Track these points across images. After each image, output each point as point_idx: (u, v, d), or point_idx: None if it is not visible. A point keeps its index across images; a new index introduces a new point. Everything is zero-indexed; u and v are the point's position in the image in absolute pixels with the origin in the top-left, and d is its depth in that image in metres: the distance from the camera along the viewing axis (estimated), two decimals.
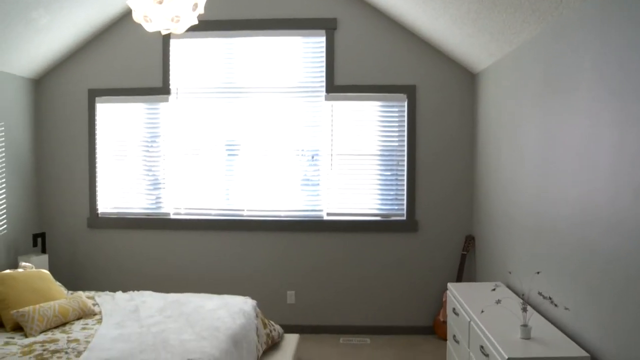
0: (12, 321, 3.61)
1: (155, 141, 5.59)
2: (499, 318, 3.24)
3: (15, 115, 5.26)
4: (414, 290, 5.44)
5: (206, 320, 3.75)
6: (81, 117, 5.61)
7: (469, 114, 5.32)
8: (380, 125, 5.41)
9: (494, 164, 4.62)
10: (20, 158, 5.37)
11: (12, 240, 5.23)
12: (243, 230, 5.51)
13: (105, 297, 4.38)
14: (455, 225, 5.39)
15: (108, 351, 3.15)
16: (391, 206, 5.44)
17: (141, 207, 5.64)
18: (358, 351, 4.98)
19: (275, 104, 5.46)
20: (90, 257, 5.67)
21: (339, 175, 5.45)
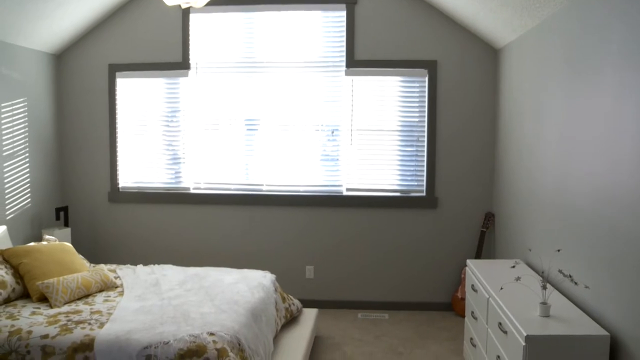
0: (38, 292, 3.69)
1: (175, 116, 5.61)
2: (518, 295, 3.23)
3: (37, 91, 5.31)
4: (433, 267, 5.44)
5: (226, 293, 3.79)
6: (102, 92, 5.64)
7: (491, 90, 5.25)
8: (400, 101, 5.37)
9: (515, 141, 4.57)
10: (43, 133, 5.42)
11: (36, 213, 5.31)
12: (262, 205, 5.53)
13: (127, 270, 4.45)
14: (475, 202, 5.36)
15: (130, 323, 3.21)
16: (411, 182, 5.42)
17: (161, 181, 5.68)
18: (376, 326, 5.02)
19: (295, 78, 5.44)
20: (111, 231, 5.74)
21: (359, 150, 5.43)
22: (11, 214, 4.94)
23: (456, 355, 4.35)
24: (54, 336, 3.05)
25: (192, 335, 3.01)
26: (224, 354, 2.89)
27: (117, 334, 3.04)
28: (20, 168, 5.06)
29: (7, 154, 4.88)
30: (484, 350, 3.53)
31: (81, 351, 2.97)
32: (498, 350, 3.16)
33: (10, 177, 4.91)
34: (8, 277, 3.70)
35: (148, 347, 2.94)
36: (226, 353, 2.90)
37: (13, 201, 4.96)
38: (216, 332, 3.07)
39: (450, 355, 4.37)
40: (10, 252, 3.90)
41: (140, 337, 3.00)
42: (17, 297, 3.73)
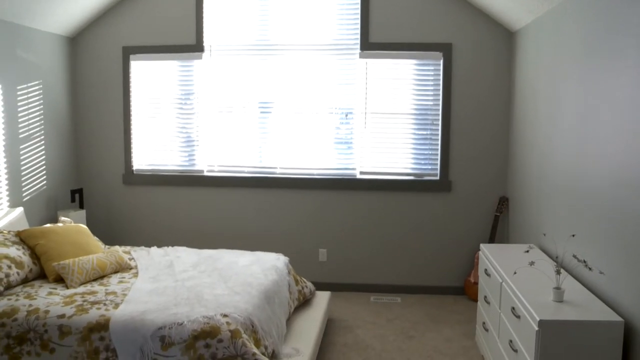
0: (54, 273, 3.73)
1: (189, 99, 5.61)
2: (531, 280, 3.22)
3: (52, 74, 5.33)
4: (446, 251, 5.44)
5: (239, 275, 3.82)
6: (116, 74, 5.66)
7: (506, 73, 5.19)
8: (415, 84, 5.33)
9: (530, 125, 4.53)
10: (58, 116, 5.46)
11: (52, 195, 5.36)
12: (276, 187, 5.54)
13: (141, 252, 4.49)
14: (489, 186, 5.33)
15: (144, 304, 3.24)
16: (424, 166, 5.40)
17: (175, 164, 5.71)
18: (388, 310, 5.03)
19: (309, 61, 5.41)
20: (125, 213, 5.79)
21: (373, 133, 5.41)
22: (27, 196, 4.99)
23: (468, 339, 4.36)
24: (70, 316, 3.09)
25: (206, 316, 3.03)
26: (237, 335, 2.91)
27: (132, 315, 3.07)
28: (36, 150, 5.10)
29: (23, 136, 4.92)
30: (497, 335, 3.53)
31: (97, 331, 3.01)
32: (511, 335, 3.16)
33: (26, 160, 4.96)
34: (25, 257, 3.75)
35: (162, 327, 2.97)
36: (239, 334, 2.92)
37: (29, 183, 5.01)
38: (229, 313, 3.10)
39: (462, 339, 4.38)
40: (27, 233, 3.95)
41: (155, 318, 3.03)
42: (34, 277, 3.78)
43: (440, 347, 4.22)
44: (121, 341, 2.97)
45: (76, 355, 3.00)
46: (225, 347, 2.87)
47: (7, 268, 3.53)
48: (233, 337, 2.90)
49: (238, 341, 2.89)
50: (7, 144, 4.71)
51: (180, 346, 2.91)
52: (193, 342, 2.91)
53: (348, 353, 4.08)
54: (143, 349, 2.94)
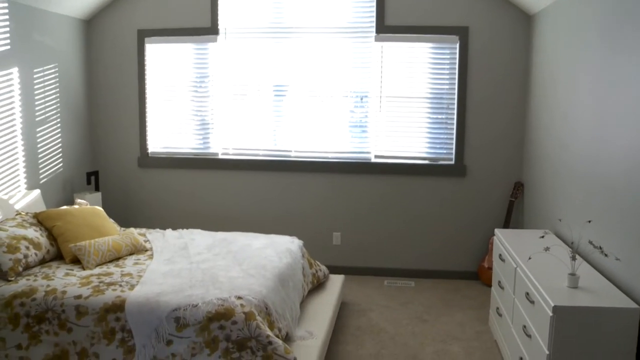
0: (71, 254, 3.78)
1: (204, 81, 5.61)
2: (546, 266, 3.21)
3: (67, 57, 5.35)
4: (460, 236, 5.42)
5: (253, 258, 3.83)
6: (131, 57, 5.66)
7: (523, 57, 5.13)
8: (430, 68, 5.29)
9: (547, 109, 4.48)
10: (74, 99, 5.48)
11: (68, 178, 5.41)
12: (290, 171, 5.54)
13: (156, 234, 4.52)
14: (504, 171, 5.29)
15: (159, 285, 3.27)
16: (440, 150, 5.37)
17: (190, 147, 5.72)
18: (402, 294, 5.04)
19: (324, 44, 5.38)
20: (140, 195, 5.83)
21: (388, 117, 5.39)
22: (44, 178, 5.04)
23: (481, 324, 4.36)
24: (86, 297, 3.13)
25: (220, 298, 3.05)
26: (252, 317, 2.94)
27: (147, 296, 3.10)
28: (52, 133, 5.14)
29: (40, 119, 4.95)
30: (510, 320, 3.53)
31: (112, 312, 3.04)
32: (524, 320, 3.16)
33: (42, 142, 5.00)
34: (43, 239, 3.79)
35: (177, 309, 3.00)
36: (253, 317, 2.95)
37: (46, 166, 5.06)
38: (244, 296, 3.12)
39: (475, 323, 4.38)
40: (44, 215, 3.99)
41: (170, 300, 3.06)
42: (51, 258, 3.82)
43: (453, 331, 4.23)
44: (136, 322, 3.00)
45: (93, 335, 3.04)
46: (240, 329, 2.90)
47: (26, 249, 3.58)
48: (247, 319, 2.92)
49: (252, 323, 2.91)
50: (24, 127, 4.75)
51: (195, 327, 2.94)
52: (207, 323, 2.93)
53: (361, 336, 4.10)
54: (158, 330, 2.97)
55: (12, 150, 4.61)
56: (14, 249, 3.49)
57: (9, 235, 3.57)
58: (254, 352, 2.86)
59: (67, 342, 3.07)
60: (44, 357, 3.06)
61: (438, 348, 3.93)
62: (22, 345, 3.10)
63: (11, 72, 4.56)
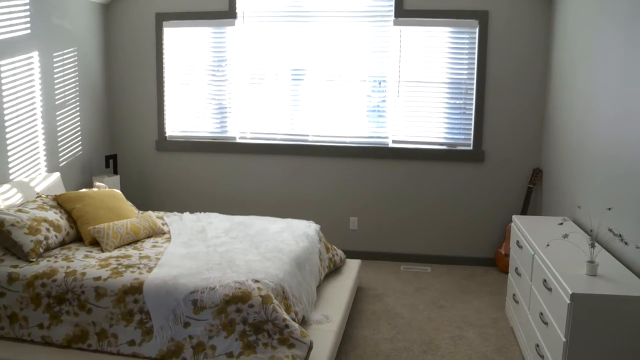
0: (90, 236, 3.82)
1: (222, 65, 5.61)
2: (564, 253, 3.18)
3: (86, 40, 5.37)
4: (477, 222, 5.40)
5: (270, 242, 3.85)
6: (149, 41, 5.68)
7: (543, 41, 5.05)
8: (449, 52, 5.23)
9: (567, 95, 4.42)
10: (93, 82, 5.52)
11: (87, 161, 5.46)
12: (308, 155, 5.54)
13: (174, 217, 4.55)
14: (523, 157, 5.25)
15: (177, 268, 3.30)
16: (458, 135, 5.34)
17: (207, 130, 5.74)
18: (418, 279, 5.04)
19: (342, 28, 5.35)
20: (158, 179, 5.87)
21: (406, 102, 5.36)
22: (64, 161, 5.09)
23: (498, 311, 4.35)
24: (105, 278, 3.17)
25: (238, 281, 3.07)
26: (268, 300, 2.95)
27: (165, 279, 3.13)
28: (72, 117, 5.18)
29: (59, 102, 4.99)
30: (527, 307, 3.51)
31: (131, 294, 3.08)
32: (541, 307, 3.14)
33: (62, 126, 5.04)
34: (63, 221, 3.84)
35: (195, 291, 3.02)
36: (270, 300, 2.96)
37: (65, 149, 5.10)
38: (261, 279, 3.13)
39: (491, 310, 4.37)
40: (64, 197, 4.03)
41: (187, 282, 3.09)
42: (71, 240, 3.87)
43: (469, 317, 4.22)
44: (154, 304, 3.03)
45: (111, 316, 3.08)
46: (256, 312, 2.92)
47: (46, 231, 3.62)
48: (264, 303, 2.94)
49: (269, 307, 2.93)
50: (44, 110, 4.79)
51: (212, 310, 2.97)
52: (224, 306, 2.96)
53: (377, 321, 4.12)
54: (175, 312, 3.00)
55: (33, 133, 4.66)
56: (35, 231, 3.54)
57: (30, 217, 3.62)
58: (271, 335, 2.89)
59: (87, 322, 3.11)
60: (64, 337, 3.11)
61: (454, 334, 3.94)
62: (44, 324, 3.15)
63: (31, 56, 4.60)
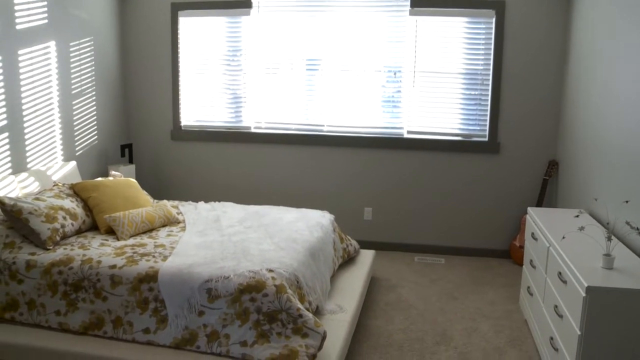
0: (106, 225, 3.85)
1: (237, 55, 5.61)
2: (580, 246, 3.16)
3: (102, 30, 5.39)
4: (492, 213, 5.37)
5: (284, 231, 3.86)
6: (165, 31, 5.69)
7: (561, 31, 5.00)
8: (465, 43, 5.19)
9: (585, 86, 4.37)
10: (108, 72, 5.54)
11: (103, 150, 5.50)
12: (322, 145, 5.54)
13: (188, 206, 4.57)
14: (539, 149, 5.20)
15: (192, 257, 3.32)
16: (473, 127, 5.30)
17: (222, 120, 5.75)
18: (432, 270, 5.03)
19: (358, 18, 5.32)
20: (173, 168, 5.89)
21: (421, 93, 5.33)
22: (80, 150, 5.13)
23: (512, 303, 4.34)
24: (121, 266, 3.19)
25: (252, 271, 3.08)
26: (282, 290, 2.96)
27: (180, 267, 3.15)
28: (88, 106, 5.22)
29: (76, 92, 5.02)
30: (541, 300, 3.49)
31: (146, 282, 3.10)
32: (556, 300, 3.13)
33: (78, 115, 5.08)
34: (79, 209, 3.87)
35: (209, 280, 3.04)
36: (284, 289, 2.97)
37: (81, 138, 5.14)
38: (275, 268, 3.14)
39: (505, 302, 4.35)
40: (80, 186, 4.07)
41: (202, 271, 3.10)
42: (87, 228, 3.90)
43: (483, 309, 4.21)
44: (169, 292, 3.05)
45: (127, 304, 3.11)
46: (270, 302, 2.93)
47: (63, 219, 3.66)
48: (278, 292, 2.95)
49: (283, 296, 2.93)
50: (61, 100, 4.83)
51: (226, 299, 2.98)
52: (239, 295, 2.97)
53: (390, 312, 4.12)
54: (190, 301, 3.02)
55: (50, 122, 4.70)
56: (52, 219, 3.57)
57: (47, 205, 3.65)
58: (284, 325, 2.90)
59: (103, 310, 3.14)
60: (81, 324, 3.15)
61: (467, 325, 3.93)
62: (61, 311, 3.19)
63: (48, 45, 4.63)
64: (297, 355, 2.77)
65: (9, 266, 3.29)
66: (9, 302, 3.27)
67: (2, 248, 3.40)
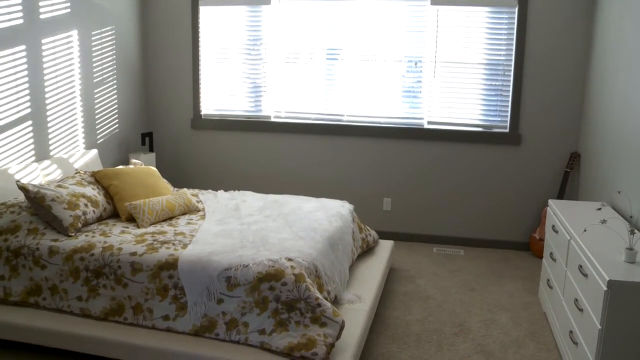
0: (126, 212, 3.89)
1: (257, 44, 5.61)
2: (602, 239, 3.12)
3: (124, 19, 5.42)
4: (512, 205, 5.33)
5: (304, 221, 3.87)
6: (185, 20, 5.70)
7: (586, 21, 4.91)
8: (487, 33, 5.14)
9: (610, 77, 4.30)
10: (129, 61, 5.58)
11: (124, 138, 5.54)
12: (342, 135, 5.53)
13: (208, 195, 4.60)
14: (561, 141, 5.14)
15: (211, 245, 3.34)
16: (494, 118, 5.26)
17: (242, 109, 5.77)
18: (451, 261, 5.01)
19: (378, 7, 5.29)
20: (193, 157, 5.93)
21: (442, 83, 5.29)
22: (101, 138, 5.18)
23: (531, 296, 4.31)
24: (141, 254, 3.23)
25: (271, 259, 3.10)
26: (301, 279, 2.97)
27: (199, 255, 3.17)
28: (109, 94, 5.26)
29: (97, 80, 5.06)
30: (561, 293, 3.47)
31: (166, 269, 3.13)
32: (576, 294, 3.10)
33: (100, 103, 5.12)
34: (100, 197, 3.91)
35: (228, 269, 3.06)
36: (303, 278, 2.98)
37: (103, 126, 5.19)
38: (294, 257, 3.15)
39: (524, 294, 4.33)
40: (101, 174, 4.11)
41: (221, 259, 3.12)
42: (108, 216, 3.94)
43: (502, 301, 4.19)
44: (189, 280, 3.08)
45: (147, 291, 3.14)
46: (289, 291, 2.94)
47: (84, 206, 3.70)
48: (297, 281, 2.96)
49: (302, 285, 2.95)
50: (83, 89, 4.87)
51: (245, 287, 3.00)
52: (258, 284, 2.99)
53: (408, 302, 4.12)
54: (209, 288, 3.04)
55: (72, 111, 4.75)
56: (73, 206, 3.62)
57: (69, 193, 3.70)
58: (303, 314, 2.91)
59: (123, 296, 3.18)
60: (102, 310, 3.19)
61: (485, 317, 3.91)
62: (82, 297, 3.24)
63: (71, 34, 4.66)
64: (315, 344, 2.78)
65: (32, 252, 3.34)
66: (32, 287, 3.33)
67: (26, 234, 3.45)
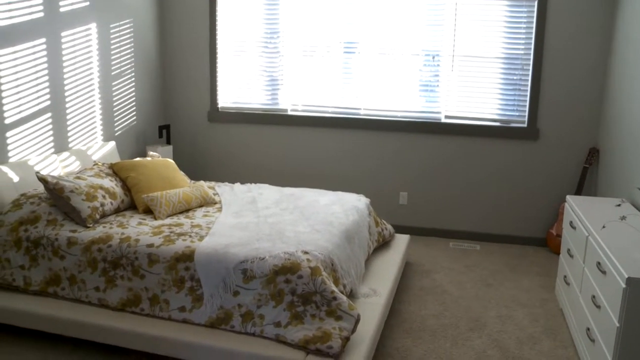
0: (143, 204, 3.92)
1: (274, 37, 5.61)
2: (621, 235, 3.09)
3: (142, 12, 5.44)
4: (529, 200, 5.29)
5: (320, 214, 3.87)
6: (203, 13, 5.71)
7: (607, 15, 4.84)
8: (506, 26, 5.09)
9: (631, 71, 4.24)
10: (147, 53, 5.60)
11: (141, 131, 5.58)
12: (359, 128, 5.52)
13: (225, 187, 4.61)
14: (579, 136, 5.09)
15: (228, 237, 3.35)
16: (512, 112, 5.21)
17: (259, 102, 5.77)
18: (467, 256, 4.99)
19: (396, 0, 5.25)
20: (210, 149, 5.95)
21: (460, 77, 5.25)
22: (119, 131, 5.21)
23: (547, 292, 4.28)
24: (158, 245, 3.25)
25: (287, 252, 3.10)
26: (317, 272, 2.98)
27: (216, 248, 3.18)
28: (127, 87, 5.29)
29: (115, 73, 5.09)
30: (578, 290, 3.44)
31: (182, 261, 3.15)
32: (594, 290, 3.07)
33: (118, 96, 5.15)
34: (118, 189, 3.94)
35: (245, 261, 3.07)
36: (319, 272, 2.99)
37: (120, 118, 5.22)
38: (310, 251, 3.16)
39: (541, 291, 4.30)
40: (119, 165, 4.14)
41: (237, 252, 3.13)
42: (125, 207, 3.98)
43: (518, 297, 4.17)
44: (205, 272, 3.10)
45: (164, 282, 3.17)
46: (305, 284, 2.94)
47: (102, 198, 3.73)
48: (313, 274, 2.96)
49: (318, 278, 2.95)
50: (101, 81, 4.90)
51: (261, 280, 3.01)
52: (274, 276, 3.00)
53: (424, 297, 4.11)
54: (226, 281, 3.06)
55: (90, 103, 4.78)
56: (92, 198, 3.65)
57: (88, 184, 3.73)
58: (318, 307, 2.91)
59: (140, 288, 3.21)
60: (119, 300, 3.22)
61: (501, 313, 3.90)
62: (100, 288, 3.27)
63: (89, 27, 4.69)
64: (330, 337, 2.79)
65: (51, 242, 3.38)
66: (51, 277, 3.37)
67: (45, 225, 3.49)
